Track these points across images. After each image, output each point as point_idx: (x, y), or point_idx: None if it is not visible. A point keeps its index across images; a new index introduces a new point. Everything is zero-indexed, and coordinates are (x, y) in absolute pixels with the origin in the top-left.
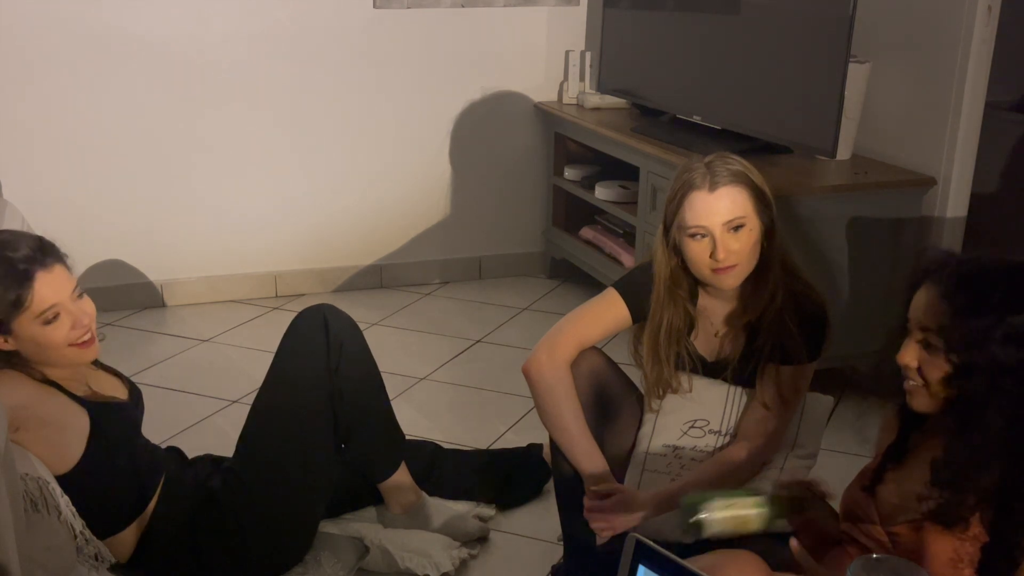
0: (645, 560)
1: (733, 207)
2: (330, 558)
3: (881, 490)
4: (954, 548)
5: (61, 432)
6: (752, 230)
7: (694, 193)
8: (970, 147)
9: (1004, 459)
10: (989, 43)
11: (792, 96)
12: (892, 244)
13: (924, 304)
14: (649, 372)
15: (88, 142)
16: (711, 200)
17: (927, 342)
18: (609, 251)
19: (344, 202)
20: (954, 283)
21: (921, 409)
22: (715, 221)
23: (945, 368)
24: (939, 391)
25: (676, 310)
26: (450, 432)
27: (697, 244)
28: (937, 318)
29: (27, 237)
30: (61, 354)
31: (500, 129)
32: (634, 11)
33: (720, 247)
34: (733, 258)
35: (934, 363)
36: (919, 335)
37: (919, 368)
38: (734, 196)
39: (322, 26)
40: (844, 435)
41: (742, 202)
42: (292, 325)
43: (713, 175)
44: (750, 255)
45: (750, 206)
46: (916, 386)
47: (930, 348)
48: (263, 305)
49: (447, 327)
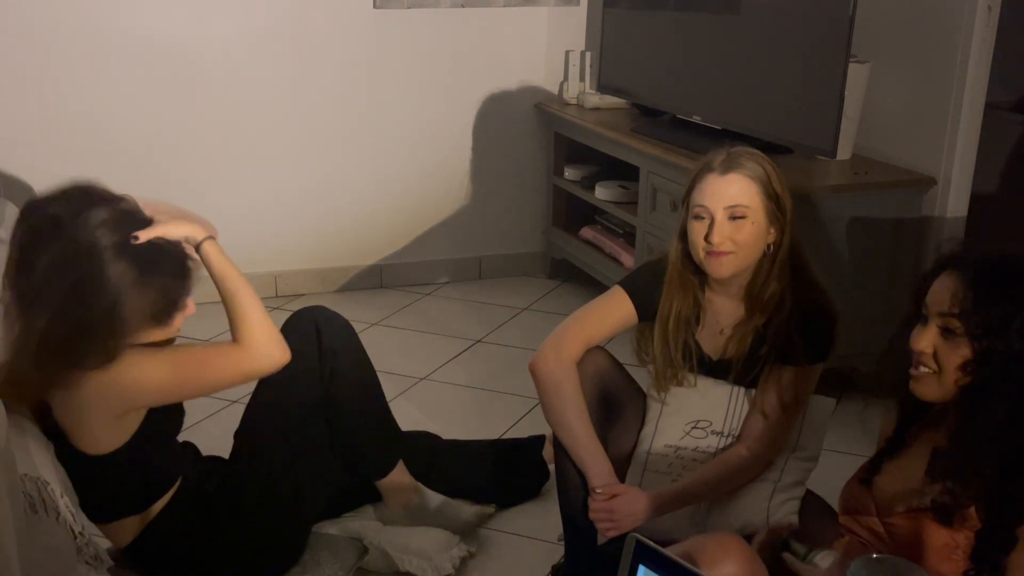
0: (645, 560)
1: (739, 194)
2: (329, 559)
3: (878, 481)
4: (950, 535)
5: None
6: (754, 224)
7: (707, 174)
8: (970, 147)
9: (1004, 447)
10: (989, 43)
11: (792, 96)
12: (892, 244)
13: (946, 290)
14: (658, 360)
15: (87, 142)
16: (719, 182)
17: (947, 328)
18: (609, 251)
19: (344, 202)
20: (979, 270)
21: (928, 397)
22: (717, 203)
23: (964, 354)
24: (953, 378)
25: (686, 298)
26: (450, 432)
27: (698, 224)
28: (960, 303)
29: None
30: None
31: (500, 129)
32: (634, 11)
33: (716, 230)
34: (727, 244)
35: (952, 349)
36: (938, 320)
37: (935, 355)
38: (743, 185)
39: (322, 26)
40: (844, 435)
41: (749, 193)
42: (282, 329)
43: (731, 160)
44: (748, 248)
45: (758, 201)
46: (927, 373)
47: (949, 334)
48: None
49: (447, 327)
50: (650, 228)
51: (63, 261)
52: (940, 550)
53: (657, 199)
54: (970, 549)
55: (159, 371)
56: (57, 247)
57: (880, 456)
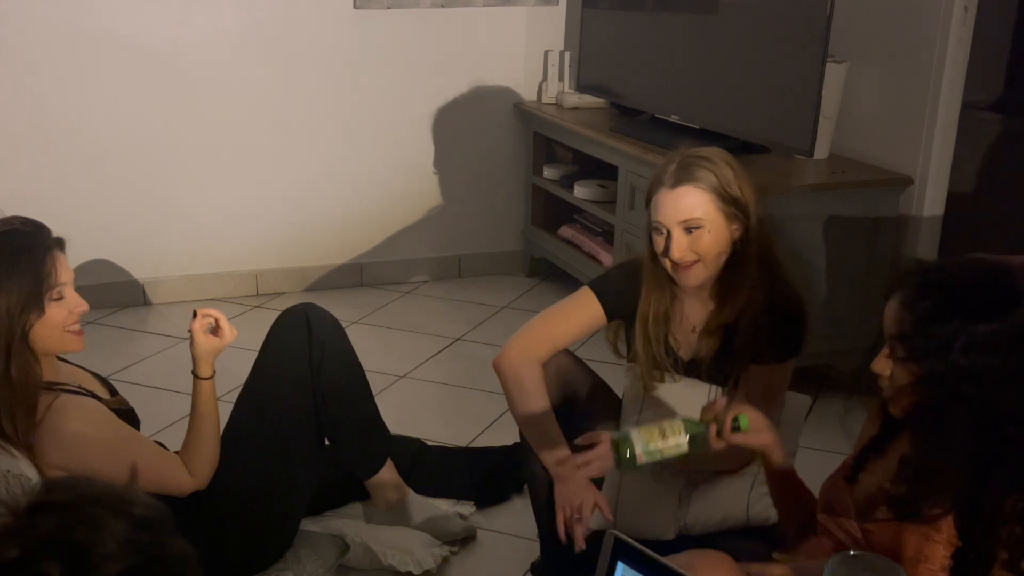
0: (623, 556)
1: (690, 208)
2: (310, 555)
3: (861, 479)
4: (923, 545)
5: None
6: (711, 232)
7: (659, 188)
8: (947, 147)
9: (970, 465)
10: (966, 43)
11: (770, 96)
12: (869, 243)
13: (891, 313)
14: (642, 359)
15: (69, 142)
16: (670, 198)
17: (893, 352)
18: (588, 250)
19: (324, 201)
20: (916, 292)
21: (897, 415)
22: (671, 219)
23: (909, 376)
24: (907, 399)
25: (662, 294)
26: (430, 430)
27: (658, 238)
28: (900, 327)
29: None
30: (56, 338)
31: (479, 128)
32: (613, 11)
33: (673, 245)
34: (690, 256)
35: (902, 372)
36: (888, 344)
37: (891, 376)
38: (693, 197)
39: (302, 26)
40: (822, 433)
41: (701, 204)
42: (274, 325)
43: (680, 171)
44: (711, 254)
45: (711, 208)
46: (889, 394)
47: (896, 357)
48: (244, 303)
49: (427, 325)
50: (628, 227)
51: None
52: (911, 561)
53: (635, 198)
54: (948, 564)
55: (105, 431)
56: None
57: (865, 453)
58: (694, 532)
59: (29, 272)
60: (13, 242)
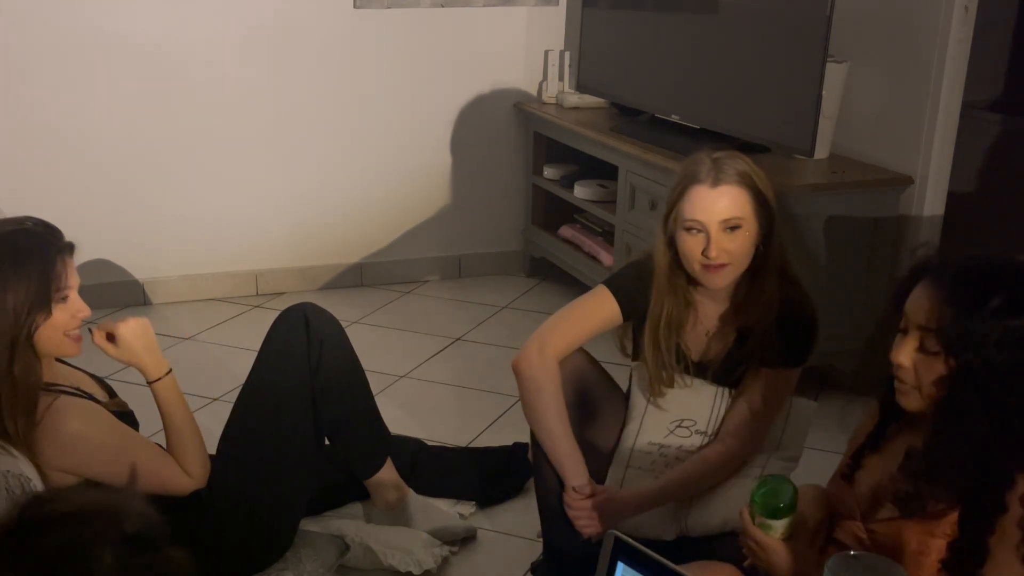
0: (624, 556)
1: (732, 206)
2: (310, 555)
3: (859, 476)
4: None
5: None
6: (748, 233)
7: (696, 186)
8: (947, 146)
9: (981, 460)
10: (966, 43)
11: (770, 95)
12: (870, 243)
13: (923, 304)
14: (650, 364)
15: (71, 141)
16: (712, 196)
17: (923, 344)
18: (588, 250)
19: (325, 201)
20: (955, 285)
21: (912, 408)
22: (712, 218)
23: (940, 371)
24: (930, 392)
25: (676, 300)
26: (430, 429)
27: (692, 238)
28: (937, 320)
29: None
30: (56, 340)
31: (479, 128)
32: (613, 11)
33: (713, 245)
34: (725, 257)
35: (929, 365)
36: (916, 334)
37: (915, 368)
38: (735, 196)
39: (302, 26)
40: (823, 433)
41: (742, 203)
42: (274, 325)
43: (718, 171)
44: (743, 257)
45: (749, 209)
46: (908, 387)
47: (926, 350)
48: (245, 303)
49: (427, 325)
50: (629, 227)
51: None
52: (912, 555)
53: (636, 198)
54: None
55: (104, 432)
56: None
57: (861, 451)
58: (694, 534)
59: (38, 273)
60: (24, 242)
